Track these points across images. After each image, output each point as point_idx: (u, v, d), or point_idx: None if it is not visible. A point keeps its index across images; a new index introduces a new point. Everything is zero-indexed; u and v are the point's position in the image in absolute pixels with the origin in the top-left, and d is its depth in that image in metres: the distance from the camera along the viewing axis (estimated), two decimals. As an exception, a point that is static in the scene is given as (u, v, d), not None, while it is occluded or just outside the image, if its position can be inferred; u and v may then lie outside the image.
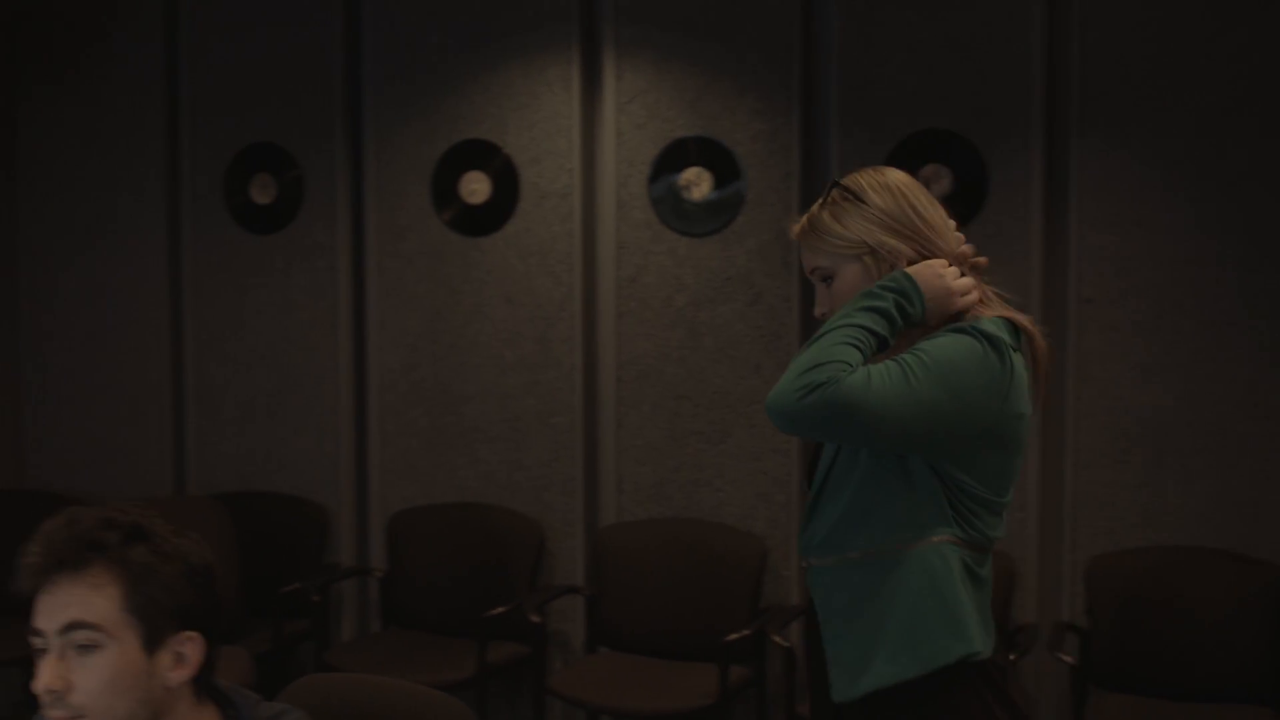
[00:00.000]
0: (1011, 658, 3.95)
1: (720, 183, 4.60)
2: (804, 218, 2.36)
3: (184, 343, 5.30)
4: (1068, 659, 4.03)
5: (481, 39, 4.81)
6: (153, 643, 1.83)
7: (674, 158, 4.64)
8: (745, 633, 4.20)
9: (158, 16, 5.23)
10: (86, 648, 1.81)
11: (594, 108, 4.75)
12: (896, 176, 2.31)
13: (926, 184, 4.19)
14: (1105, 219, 4.24)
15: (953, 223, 2.34)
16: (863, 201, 2.28)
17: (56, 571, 1.83)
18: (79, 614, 1.81)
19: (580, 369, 4.74)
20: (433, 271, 4.91)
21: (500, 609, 4.46)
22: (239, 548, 4.93)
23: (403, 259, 4.94)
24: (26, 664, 5.27)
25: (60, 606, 1.82)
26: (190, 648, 1.87)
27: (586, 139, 4.73)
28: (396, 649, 4.66)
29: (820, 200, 2.35)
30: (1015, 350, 2.20)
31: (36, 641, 1.83)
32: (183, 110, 5.24)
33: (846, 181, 2.32)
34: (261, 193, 5.12)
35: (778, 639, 4.14)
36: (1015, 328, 2.25)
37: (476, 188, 4.83)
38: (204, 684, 1.91)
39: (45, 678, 1.80)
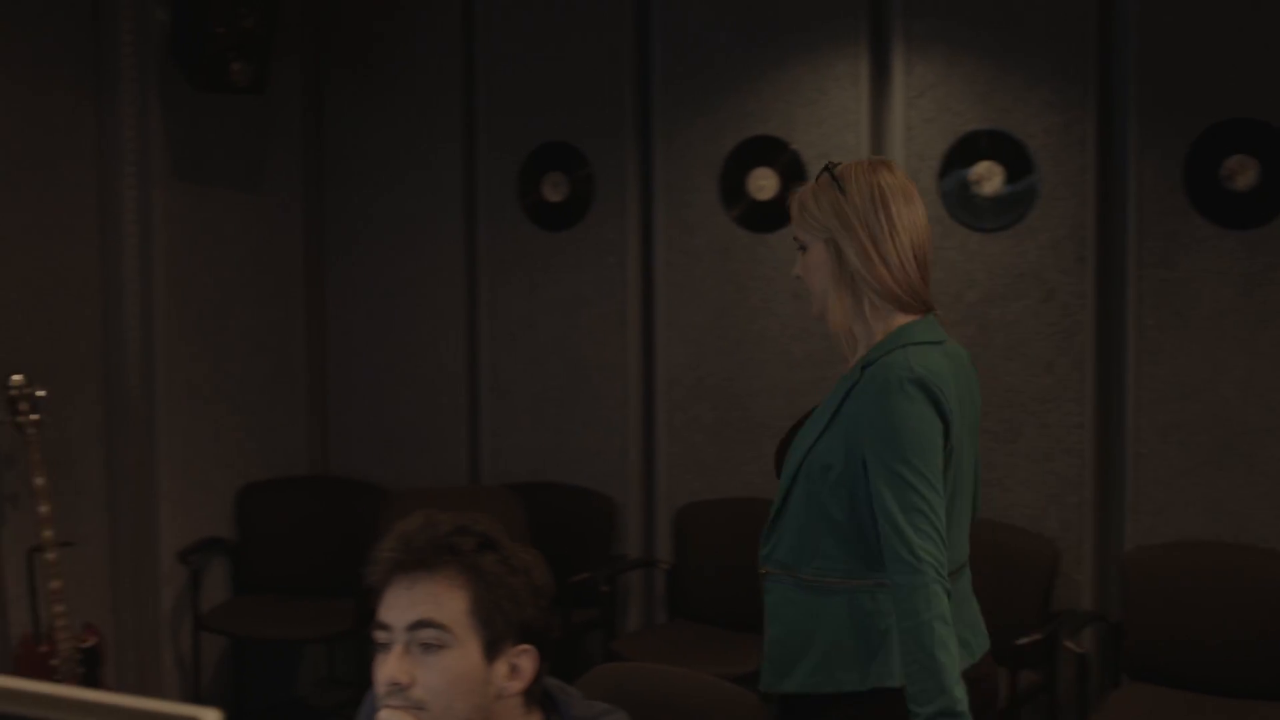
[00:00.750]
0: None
1: (1012, 177, 4.50)
2: (797, 194, 2.59)
3: (479, 337, 5.47)
4: (1075, 648, 4.11)
5: (769, 36, 4.82)
6: (493, 651, 1.86)
7: (964, 152, 4.56)
8: (1036, 637, 4.11)
9: (456, 23, 5.41)
10: (432, 646, 1.84)
11: (882, 102, 4.71)
12: (885, 176, 2.48)
13: (1231, 176, 4.06)
14: None
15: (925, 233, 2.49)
16: (843, 191, 2.46)
17: (410, 570, 1.87)
18: (429, 613, 1.84)
19: (867, 365, 4.71)
20: (720, 268, 4.94)
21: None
22: (530, 538, 5.06)
23: (691, 255, 4.99)
24: (330, 642, 5.54)
25: (411, 604, 1.86)
26: (525, 660, 1.89)
27: (875, 134, 4.70)
28: (682, 640, 4.72)
29: (815, 180, 2.56)
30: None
31: (381, 635, 1.87)
32: (479, 112, 5.40)
33: (839, 169, 2.51)
34: (554, 191, 5.24)
35: (1070, 645, 4.04)
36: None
37: (764, 184, 4.85)
38: (532, 692, 1.93)
39: (389, 670, 1.84)
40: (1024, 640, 4.05)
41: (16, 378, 4.48)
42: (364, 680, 5.19)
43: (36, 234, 4.80)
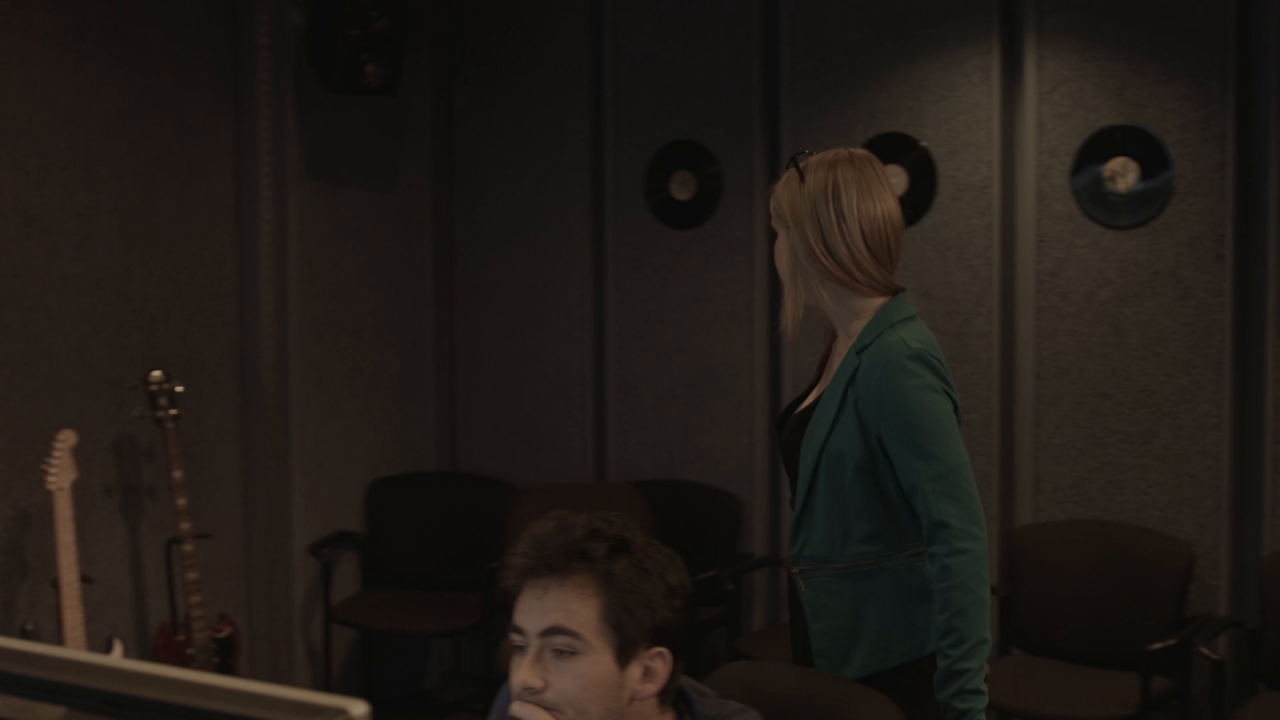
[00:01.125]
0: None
1: (1147, 173, 4.42)
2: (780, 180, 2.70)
3: (606, 334, 5.49)
4: (1210, 654, 3.97)
5: (899, 32, 4.78)
6: (625, 655, 1.86)
7: (1098, 148, 4.49)
8: (1171, 642, 4.03)
9: (585, 21, 5.44)
10: (564, 653, 1.85)
11: (1013, 98, 4.65)
12: (844, 169, 2.59)
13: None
14: None
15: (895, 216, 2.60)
16: (802, 180, 2.60)
17: (542, 575, 1.88)
18: (560, 620, 1.85)
19: (997, 364, 4.65)
20: (847, 266, 4.91)
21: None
22: (655, 536, 5.06)
23: (817, 253, 4.96)
24: (456, 637, 5.60)
25: (544, 610, 1.86)
26: (659, 663, 1.89)
27: (1005, 130, 4.64)
28: (807, 640, 4.70)
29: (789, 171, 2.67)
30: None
31: (516, 638, 1.89)
32: (607, 110, 5.43)
33: (805, 161, 2.64)
34: (681, 189, 5.25)
35: (1206, 651, 3.96)
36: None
37: (894, 181, 4.79)
38: (666, 694, 1.93)
39: (523, 674, 1.86)
40: (1157, 645, 3.97)
41: (156, 373, 4.59)
42: (490, 675, 5.23)
43: (176, 233, 4.91)
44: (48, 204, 4.49)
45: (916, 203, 4.76)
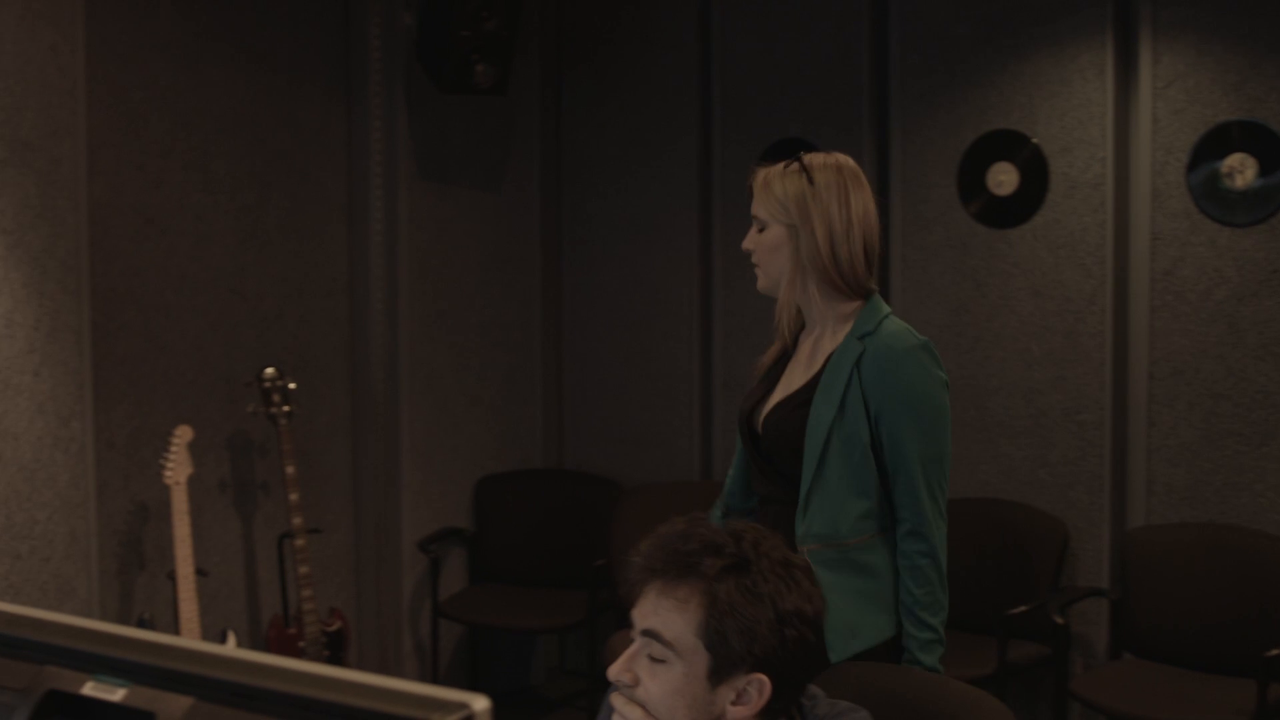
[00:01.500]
0: None
1: (1266, 169, 4.33)
2: (763, 172, 2.77)
3: (713, 333, 5.49)
4: None
5: (1011, 27, 4.73)
6: (719, 675, 1.84)
7: (1215, 143, 4.40)
8: (1290, 647, 3.95)
9: (693, 20, 5.44)
10: (657, 658, 1.86)
11: (1128, 94, 4.57)
12: (848, 172, 2.69)
13: None
14: None
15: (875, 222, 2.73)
16: (811, 182, 2.65)
17: (655, 577, 1.88)
18: (658, 626, 1.85)
19: (1110, 364, 4.59)
20: (958, 264, 4.87)
21: (1022, 608, 4.38)
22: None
23: (927, 251, 4.93)
24: (562, 633, 5.63)
25: (648, 612, 1.87)
26: (756, 689, 1.85)
27: (1119, 126, 4.57)
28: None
29: (784, 164, 2.73)
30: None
31: (632, 631, 1.91)
32: (714, 108, 5.43)
33: (807, 159, 2.70)
34: (788, 187, 5.23)
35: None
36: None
37: (1004, 179, 4.76)
38: (773, 710, 1.90)
39: (616, 667, 1.88)
40: (1275, 652, 3.89)
41: (269, 370, 4.66)
42: (595, 672, 5.25)
43: (289, 232, 4.99)
44: (166, 204, 4.58)
45: (1027, 201, 4.71)
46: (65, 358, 4.11)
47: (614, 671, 1.88)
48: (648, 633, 1.87)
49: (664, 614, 1.85)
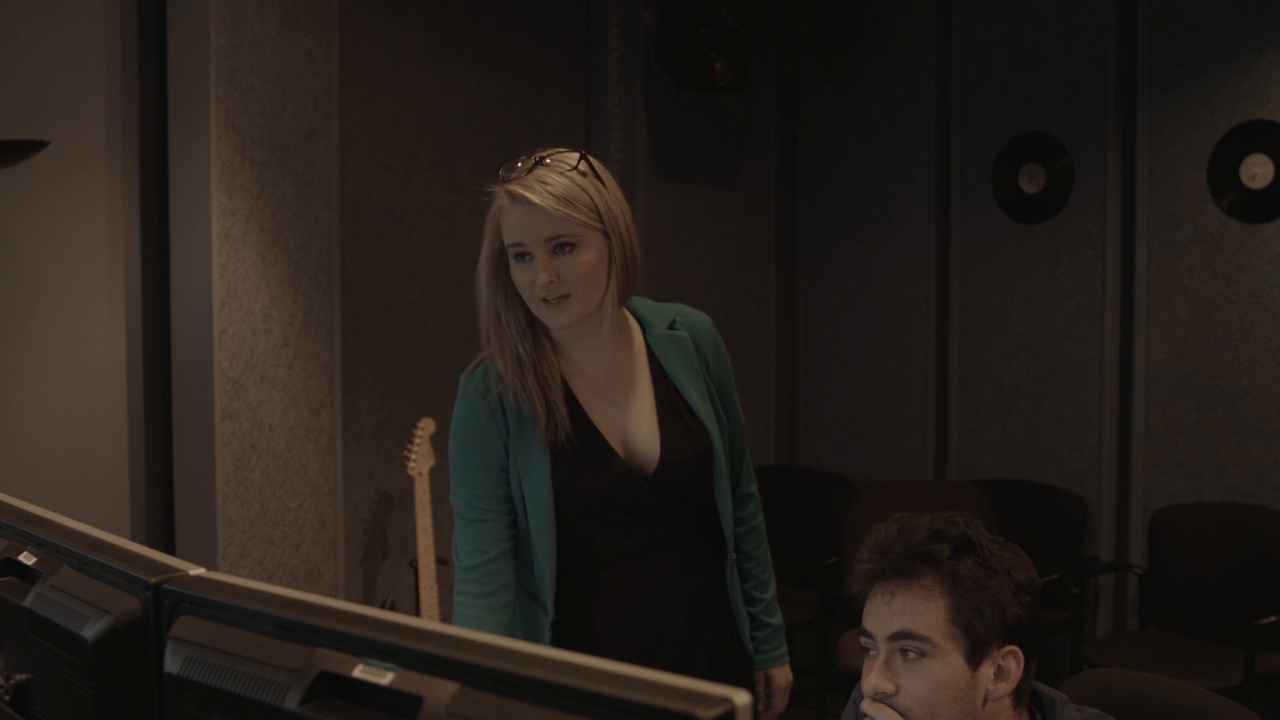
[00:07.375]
0: None
1: None
2: (536, 181, 2.35)
3: (949, 329, 5.42)
4: None
5: (1267, 14, 4.55)
6: (976, 655, 1.85)
7: None
8: None
9: (932, 14, 5.37)
10: (914, 656, 1.85)
11: (1395, 82, 4.37)
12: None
13: None
14: None
15: None
16: (603, 183, 2.35)
17: (889, 579, 1.88)
18: (908, 624, 1.85)
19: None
20: (1208, 260, 4.71)
21: (1271, 618, 4.22)
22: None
23: (1175, 247, 4.78)
24: (795, 630, 5.61)
25: (891, 614, 1.87)
26: (1012, 662, 1.87)
27: (1385, 117, 4.37)
28: (1155, 649, 4.53)
29: (569, 167, 2.36)
30: None
31: (865, 641, 1.91)
32: (954, 101, 5.35)
33: (573, 158, 2.39)
34: (1030, 182, 5.13)
35: None
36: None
37: (1258, 171, 4.58)
38: (1021, 693, 1.90)
39: (874, 679, 1.86)
40: None
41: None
42: (825, 669, 5.23)
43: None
44: (412, 203, 4.71)
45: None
46: (317, 351, 4.26)
47: (871, 684, 1.86)
48: (898, 635, 1.86)
49: (911, 611, 1.86)
